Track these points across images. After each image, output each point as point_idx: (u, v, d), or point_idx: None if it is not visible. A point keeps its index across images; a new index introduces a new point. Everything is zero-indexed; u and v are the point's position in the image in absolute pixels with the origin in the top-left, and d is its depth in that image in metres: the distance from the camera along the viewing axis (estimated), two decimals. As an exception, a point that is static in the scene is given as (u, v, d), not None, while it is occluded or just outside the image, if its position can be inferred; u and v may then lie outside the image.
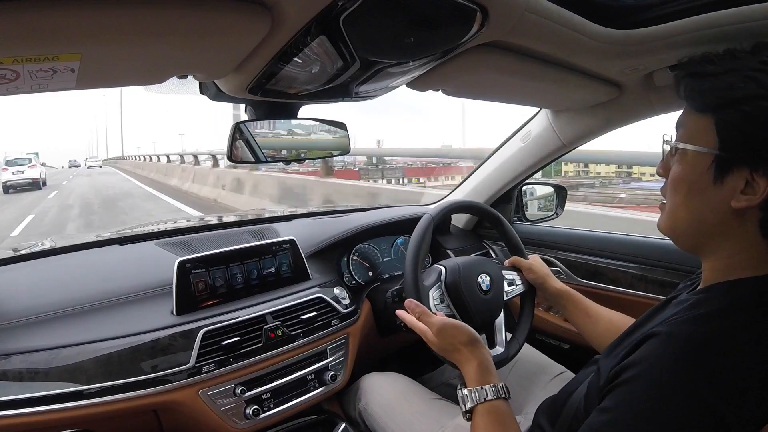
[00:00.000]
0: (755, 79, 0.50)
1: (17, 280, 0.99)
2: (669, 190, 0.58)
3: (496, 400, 0.65)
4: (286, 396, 0.95)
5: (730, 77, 0.51)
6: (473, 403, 0.66)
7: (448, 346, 0.74)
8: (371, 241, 1.32)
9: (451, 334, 0.73)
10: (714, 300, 0.53)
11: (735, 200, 0.51)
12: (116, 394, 0.78)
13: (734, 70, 0.51)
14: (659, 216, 0.61)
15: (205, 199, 10.08)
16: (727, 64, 0.53)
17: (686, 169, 0.55)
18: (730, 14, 0.65)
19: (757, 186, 0.50)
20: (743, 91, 0.50)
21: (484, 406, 0.65)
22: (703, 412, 0.45)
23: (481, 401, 0.65)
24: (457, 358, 0.73)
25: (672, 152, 0.58)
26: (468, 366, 0.70)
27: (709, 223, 0.54)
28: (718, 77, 0.52)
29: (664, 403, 0.46)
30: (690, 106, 0.56)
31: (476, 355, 0.71)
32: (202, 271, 0.95)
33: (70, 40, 0.48)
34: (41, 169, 18.31)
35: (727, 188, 0.52)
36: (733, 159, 0.51)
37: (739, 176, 0.51)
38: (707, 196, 0.53)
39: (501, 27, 0.64)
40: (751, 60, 0.51)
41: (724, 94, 0.51)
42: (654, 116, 1.07)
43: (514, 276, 1.02)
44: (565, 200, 1.50)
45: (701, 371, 0.46)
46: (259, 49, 0.60)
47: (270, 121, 0.88)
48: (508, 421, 0.64)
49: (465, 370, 0.71)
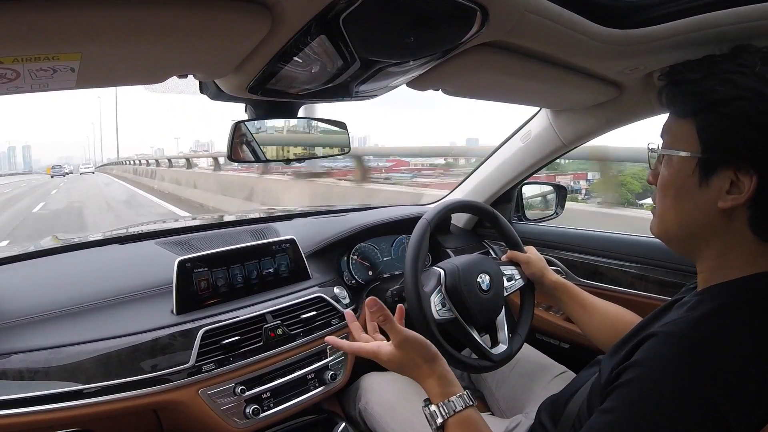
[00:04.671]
0: (732, 81, 0.51)
1: (17, 279, 0.99)
2: (658, 195, 0.59)
3: (466, 409, 0.63)
4: (286, 395, 0.95)
5: (709, 81, 0.53)
6: (443, 417, 0.63)
7: (408, 362, 0.67)
8: (371, 241, 1.32)
9: (414, 348, 0.68)
10: (711, 300, 0.53)
11: (721, 201, 0.52)
12: (116, 394, 0.78)
13: (712, 74, 0.53)
14: (651, 220, 0.62)
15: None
16: (706, 69, 0.54)
17: (672, 173, 0.57)
18: (730, 14, 0.65)
19: (742, 185, 0.51)
20: (721, 93, 0.51)
21: (455, 419, 0.62)
22: (704, 410, 0.45)
23: (451, 414, 0.62)
24: (416, 374, 0.68)
25: (659, 159, 0.59)
26: (429, 381, 0.66)
27: (698, 224, 0.55)
28: (697, 83, 0.54)
29: (665, 402, 0.46)
30: (672, 112, 0.58)
31: (435, 370, 0.67)
32: (202, 270, 0.95)
33: (71, 40, 0.48)
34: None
35: (713, 190, 0.53)
36: (716, 160, 0.52)
37: (724, 177, 0.52)
38: (694, 198, 0.55)
39: (501, 27, 0.64)
40: (728, 63, 0.53)
41: (703, 98, 0.53)
42: (654, 116, 1.07)
43: (513, 271, 1.02)
44: (565, 200, 1.50)
45: (700, 369, 0.47)
46: (259, 48, 0.60)
47: (270, 120, 0.88)
48: (483, 429, 0.63)
49: (426, 387, 0.67)
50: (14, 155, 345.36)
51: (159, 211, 9.57)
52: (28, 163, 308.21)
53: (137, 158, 27.66)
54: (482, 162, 1.48)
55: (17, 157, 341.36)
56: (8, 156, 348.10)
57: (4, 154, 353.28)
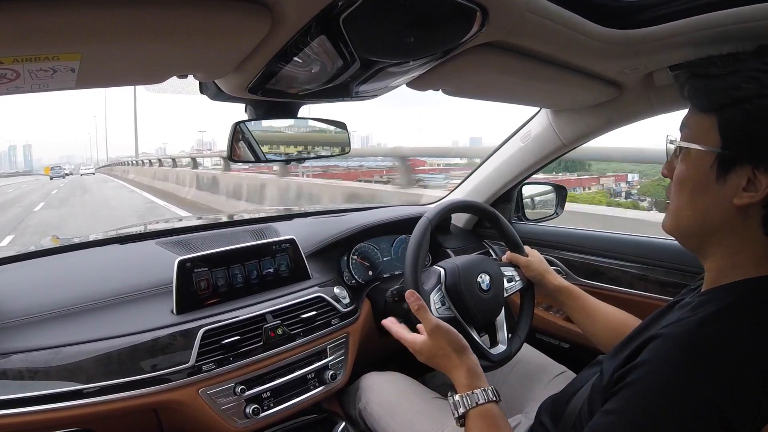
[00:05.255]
0: (758, 80, 0.51)
1: (17, 279, 0.99)
2: (673, 189, 0.59)
3: (488, 403, 0.65)
4: (286, 395, 0.95)
5: (733, 78, 0.52)
6: (465, 408, 0.65)
7: (438, 351, 0.71)
8: (371, 241, 1.32)
9: (445, 337, 0.72)
10: (715, 301, 0.53)
11: (738, 197, 0.52)
12: (116, 393, 0.78)
13: (737, 71, 0.52)
14: (663, 217, 0.61)
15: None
16: (730, 65, 0.54)
17: (690, 168, 0.56)
18: (730, 14, 0.65)
19: (759, 183, 0.51)
20: (746, 90, 0.51)
21: (476, 411, 0.65)
22: (708, 412, 0.46)
23: (473, 406, 0.65)
24: (445, 364, 0.71)
25: (676, 153, 0.59)
26: (458, 372, 0.69)
27: (713, 220, 0.55)
28: (721, 78, 0.53)
29: (668, 405, 0.46)
30: (694, 106, 0.57)
31: (464, 361, 0.70)
32: (202, 270, 0.95)
33: (71, 40, 0.48)
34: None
35: (729, 186, 0.53)
36: (736, 157, 0.52)
37: (742, 174, 0.52)
38: (710, 194, 0.54)
39: (501, 27, 0.64)
40: (753, 61, 0.53)
41: (727, 94, 0.52)
42: (654, 116, 1.07)
43: (513, 272, 1.03)
44: (565, 200, 1.50)
45: (704, 372, 0.47)
46: (260, 48, 0.60)
47: (270, 120, 0.88)
48: (501, 425, 0.64)
49: (455, 376, 0.69)
50: (15, 154, 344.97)
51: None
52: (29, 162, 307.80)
53: (142, 158, 27.04)
54: (482, 162, 1.49)
55: (18, 157, 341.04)
56: (9, 155, 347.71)
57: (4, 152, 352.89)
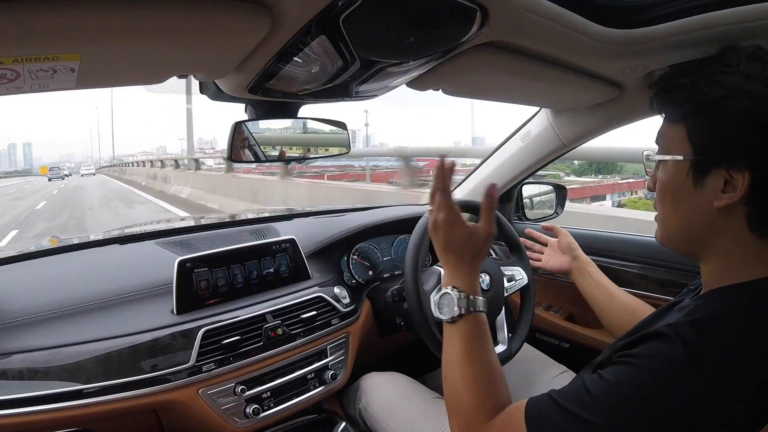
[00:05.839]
0: (719, 82, 0.52)
1: (17, 279, 0.99)
2: (658, 201, 0.60)
3: (483, 313, 0.65)
4: (286, 395, 0.95)
5: (698, 84, 0.54)
6: (462, 310, 0.63)
7: (459, 240, 0.66)
8: (371, 240, 1.32)
9: (471, 236, 0.66)
10: (713, 304, 0.53)
11: (717, 200, 0.53)
12: (116, 394, 0.78)
13: (701, 77, 0.54)
14: (656, 230, 0.62)
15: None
16: (695, 72, 0.55)
17: (668, 178, 0.58)
18: (730, 14, 0.65)
19: (736, 183, 0.52)
20: (709, 95, 0.52)
21: (473, 316, 0.64)
22: (703, 414, 0.46)
23: (470, 311, 0.64)
24: (456, 257, 0.66)
25: (657, 166, 0.60)
26: (465, 270, 0.66)
27: (698, 225, 0.56)
28: (686, 86, 0.55)
29: (661, 399, 0.47)
30: (665, 118, 0.59)
31: (475, 267, 0.67)
32: (202, 270, 0.95)
33: (70, 40, 0.48)
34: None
35: (708, 190, 0.54)
36: (708, 161, 0.53)
37: (717, 176, 0.53)
38: (691, 200, 0.55)
39: (501, 27, 0.64)
40: (716, 65, 0.54)
41: (692, 102, 0.54)
42: (654, 116, 1.06)
43: (513, 272, 1.03)
44: (566, 199, 1.50)
45: (702, 374, 0.47)
46: (259, 48, 0.60)
47: (270, 120, 0.88)
48: (488, 338, 0.65)
49: (459, 274, 0.66)
50: (15, 153, 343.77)
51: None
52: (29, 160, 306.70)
53: (143, 158, 27.00)
54: (482, 162, 1.48)
55: (18, 155, 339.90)
56: (9, 154, 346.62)
57: (4, 151, 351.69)
